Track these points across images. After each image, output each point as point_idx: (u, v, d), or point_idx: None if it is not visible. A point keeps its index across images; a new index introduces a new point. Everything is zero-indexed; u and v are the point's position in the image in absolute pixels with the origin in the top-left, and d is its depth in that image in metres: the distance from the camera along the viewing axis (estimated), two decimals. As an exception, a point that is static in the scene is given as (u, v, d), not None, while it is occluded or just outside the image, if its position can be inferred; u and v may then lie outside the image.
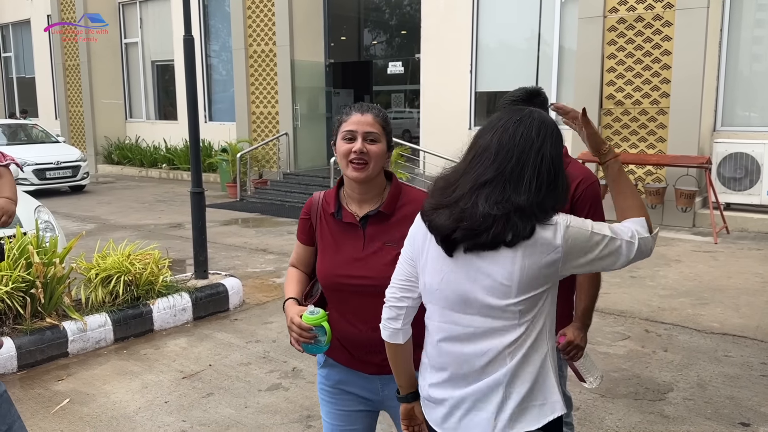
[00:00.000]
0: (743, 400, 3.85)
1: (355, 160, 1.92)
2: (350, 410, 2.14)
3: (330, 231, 2.05)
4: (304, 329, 1.91)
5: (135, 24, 17.44)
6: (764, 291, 6.02)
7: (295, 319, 1.93)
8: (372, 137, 1.94)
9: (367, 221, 2.00)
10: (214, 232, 8.71)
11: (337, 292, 2.03)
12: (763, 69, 9.39)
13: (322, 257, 2.06)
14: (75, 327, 4.68)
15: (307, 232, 2.13)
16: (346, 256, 2.00)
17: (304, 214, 2.15)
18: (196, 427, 3.63)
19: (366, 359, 2.03)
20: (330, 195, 2.08)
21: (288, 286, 2.14)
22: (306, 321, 1.91)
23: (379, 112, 1.99)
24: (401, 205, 2.00)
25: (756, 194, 8.75)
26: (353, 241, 2.00)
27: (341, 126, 1.98)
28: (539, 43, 10.94)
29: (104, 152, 17.64)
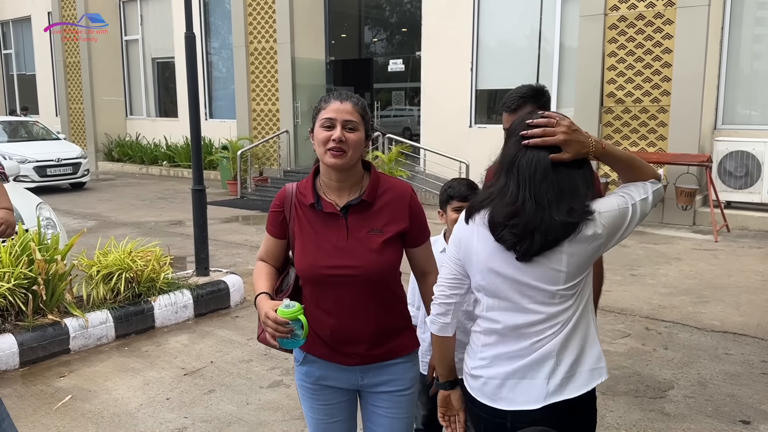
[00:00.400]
0: (744, 397, 3.86)
1: (333, 148, 1.91)
2: (332, 403, 2.13)
3: (309, 222, 2.02)
4: (280, 323, 1.85)
5: (135, 21, 17.44)
6: (765, 289, 6.02)
7: (270, 313, 1.87)
8: (351, 125, 1.93)
9: (347, 210, 1.99)
10: (214, 230, 8.71)
11: (320, 284, 1.99)
12: (764, 67, 9.38)
13: (303, 249, 2.01)
14: (76, 324, 4.69)
15: (279, 225, 2.09)
16: (328, 246, 1.97)
17: (275, 206, 2.09)
18: (198, 423, 3.64)
19: (348, 351, 2.02)
20: (305, 186, 2.04)
21: (258, 281, 2.09)
22: (282, 315, 1.85)
23: (357, 100, 1.98)
24: (381, 193, 2.01)
25: (756, 192, 8.76)
26: (335, 231, 1.98)
27: (319, 113, 1.97)
28: (540, 41, 10.94)
29: (105, 149, 17.65)
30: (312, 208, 2.00)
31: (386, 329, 2.06)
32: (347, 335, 2.00)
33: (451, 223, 2.53)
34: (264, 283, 2.07)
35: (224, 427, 3.59)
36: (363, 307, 2.00)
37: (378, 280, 2.00)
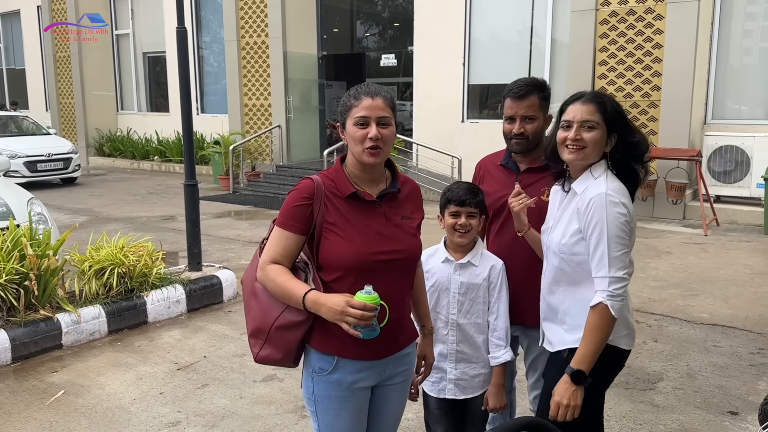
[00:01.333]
0: (732, 389, 3.91)
1: (372, 147, 1.93)
2: (361, 406, 2.08)
3: (346, 212, 1.98)
4: (369, 309, 1.78)
5: (126, 15, 17.33)
6: (753, 282, 6.09)
7: (354, 301, 1.79)
8: (384, 121, 1.95)
9: (382, 199, 2.04)
10: (207, 225, 8.70)
11: (369, 272, 1.94)
12: (753, 62, 9.45)
13: (348, 239, 1.95)
14: (69, 319, 4.69)
15: (306, 219, 1.97)
16: (371, 233, 1.98)
17: (302, 199, 1.97)
18: (191, 417, 3.66)
19: (386, 341, 1.99)
20: (337, 177, 2.02)
21: (289, 282, 1.93)
22: (368, 301, 1.78)
23: (387, 94, 1.98)
24: (403, 183, 2.10)
25: (746, 187, 8.83)
26: (375, 219, 2.00)
27: (351, 110, 1.95)
28: (532, 36, 10.96)
29: (96, 144, 17.56)
30: (348, 199, 1.99)
31: (407, 315, 2.14)
32: (388, 324, 1.95)
33: (448, 228, 2.46)
34: (299, 282, 1.95)
35: (218, 421, 3.61)
36: (401, 293, 2.06)
37: (416, 262, 2.12)
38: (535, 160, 2.61)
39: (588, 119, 2.12)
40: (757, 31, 9.41)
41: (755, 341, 4.66)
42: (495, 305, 2.48)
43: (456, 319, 2.47)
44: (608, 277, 2.04)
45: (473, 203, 2.43)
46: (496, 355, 2.49)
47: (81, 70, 17.13)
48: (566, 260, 2.16)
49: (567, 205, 2.22)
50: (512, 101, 2.53)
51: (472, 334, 2.47)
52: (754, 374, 4.11)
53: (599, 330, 2.04)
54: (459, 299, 2.47)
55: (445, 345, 2.49)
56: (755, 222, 8.52)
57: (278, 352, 2.04)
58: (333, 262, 1.97)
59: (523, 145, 2.54)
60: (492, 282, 2.48)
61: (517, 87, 2.52)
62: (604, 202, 2.05)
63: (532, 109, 2.50)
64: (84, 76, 17.16)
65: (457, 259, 2.48)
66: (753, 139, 8.70)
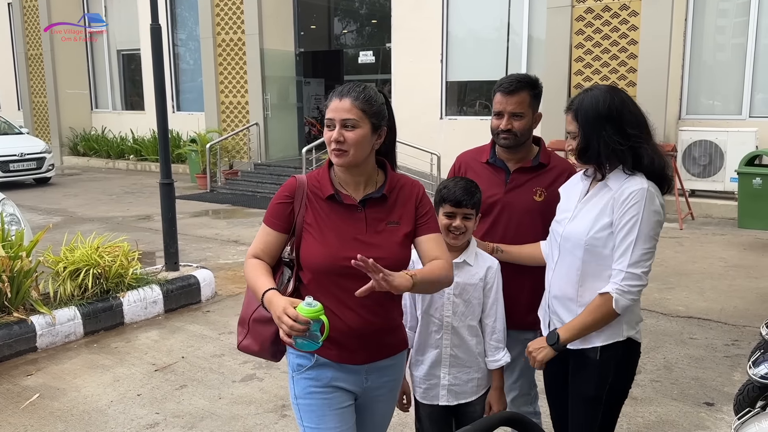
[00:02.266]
0: (708, 380, 3.96)
1: (335, 149, 1.91)
2: (345, 406, 2.03)
3: (324, 214, 1.97)
4: (301, 321, 1.72)
5: (100, 12, 17.07)
6: (727, 275, 6.18)
7: (290, 310, 1.74)
8: (349, 123, 1.90)
9: (365, 204, 1.98)
10: (184, 224, 8.62)
11: (342, 277, 1.91)
12: (726, 58, 9.58)
13: (322, 241, 1.94)
14: (43, 321, 4.61)
15: (286, 218, 2.00)
16: (348, 238, 1.94)
17: (283, 197, 2.01)
18: (170, 419, 3.61)
19: (361, 346, 1.98)
20: (320, 177, 2.02)
21: (259, 278, 1.94)
22: (303, 313, 1.73)
23: (358, 95, 1.91)
24: (397, 189, 2.03)
25: (720, 181, 8.95)
26: (354, 224, 1.96)
27: (326, 111, 1.97)
28: (509, 33, 11.01)
29: (70, 144, 17.28)
30: (329, 201, 1.97)
31: (393, 324, 2.08)
32: (363, 330, 1.95)
33: (442, 229, 2.27)
34: (268, 279, 1.94)
35: (197, 422, 3.57)
36: (380, 301, 1.94)
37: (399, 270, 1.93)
38: (524, 159, 2.56)
39: (568, 130, 2.17)
40: (730, 28, 9.54)
41: (730, 333, 4.73)
42: (492, 307, 2.39)
43: (450, 321, 2.35)
44: (624, 271, 2.04)
45: (470, 204, 2.30)
46: (496, 358, 2.39)
47: (54, 69, 16.84)
48: (592, 253, 2.11)
49: (596, 198, 2.15)
50: (502, 96, 2.48)
51: (466, 337, 2.36)
52: (729, 365, 4.18)
53: (596, 318, 2.09)
54: (454, 300, 2.34)
55: (439, 350, 2.37)
56: (729, 215, 8.65)
57: (256, 343, 2.08)
58: (308, 263, 1.97)
59: (510, 141, 2.49)
60: (488, 283, 2.37)
61: (508, 82, 2.47)
62: (644, 197, 2.03)
63: (521, 106, 2.45)
64: (57, 75, 16.88)
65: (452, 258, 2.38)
66: (726, 133, 8.83)
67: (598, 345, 2.15)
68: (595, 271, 2.13)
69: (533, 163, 2.54)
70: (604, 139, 2.07)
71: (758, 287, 5.77)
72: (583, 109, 2.12)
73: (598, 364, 2.15)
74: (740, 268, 6.40)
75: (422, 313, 2.37)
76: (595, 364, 2.15)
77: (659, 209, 2.07)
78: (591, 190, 2.20)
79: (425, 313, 2.37)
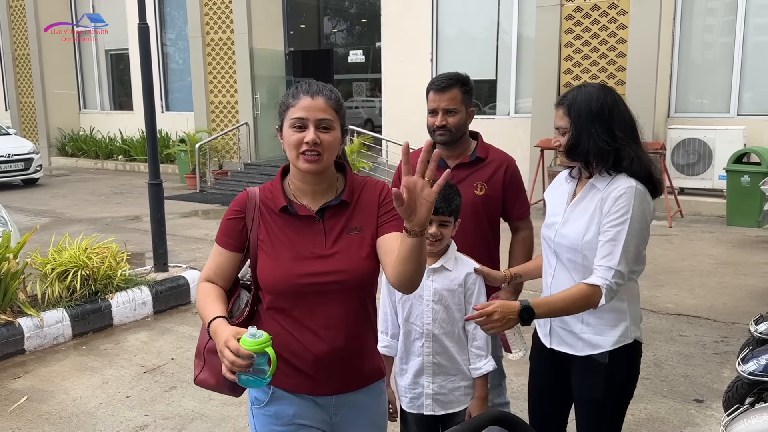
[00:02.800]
0: (697, 377, 3.98)
1: (307, 152, 1.69)
2: None
3: (279, 228, 1.77)
4: (243, 356, 1.52)
5: (88, 11, 16.94)
6: (716, 272, 6.22)
7: (232, 342, 1.53)
8: (325, 124, 1.70)
9: (323, 214, 1.78)
10: (173, 225, 8.58)
11: (301, 297, 1.73)
12: (714, 57, 9.64)
13: (275, 259, 1.75)
14: (31, 323, 4.57)
15: (237, 235, 1.80)
16: (306, 253, 1.74)
17: (233, 213, 1.82)
18: (159, 421, 3.59)
19: (327, 376, 1.76)
20: (273, 189, 1.82)
21: (208, 305, 1.73)
22: (246, 346, 1.52)
23: (331, 93, 1.74)
24: (358, 192, 1.82)
25: (708, 179, 9.01)
26: (312, 237, 1.76)
27: (288, 110, 1.72)
28: (498, 32, 11.02)
29: (58, 144, 17.16)
30: (282, 214, 1.78)
31: (365, 350, 1.84)
32: (330, 357, 1.75)
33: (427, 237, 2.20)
34: (217, 305, 1.73)
35: (186, 424, 3.55)
36: (348, 323, 1.76)
37: (366, 286, 1.79)
38: (462, 155, 2.64)
39: (559, 125, 2.12)
40: (718, 26, 9.60)
41: (719, 330, 4.76)
42: None
43: (431, 329, 2.27)
44: (615, 269, 1.99)
45: (447, 211, 2.22)
46: (478, 366, 2.31)
47: (41, 69, 16.71)
48: (591, 258, 2.06)
49: (585, 201, 2.13)
50: (434, 94, 2.56)
51: (447, 344, 2.28)
52: (719, 362, 4.20)
53: (578, 307, 2.02)
54: (433, 307, 2.27)
55: (421, 357, 2.31)
56: (718, 213, 8.70)
57: (212, 377, 1.86)
58: (263, 284, 1.78)
59: (446, 137, 2.56)
60: (469, 288, 2.29)
61: (440, 80, 2.56)
62: (634, 194, 2.00)
63: (453, 102, 2.54)
64: (44, 75, 16.75)
65: (429, 264, 2.26)
66: (715, 131, 8.88)
67: (607, 349, 2.11)
68: None
69: (471, 158, 2.62)
70: (593, 138, 2.04)
71: (747, 284, 5.81)
72: (576, 106, 2.08)
73: (607, 368, 2.11)
74: (729, 265, 6.44)
75: (403, 321, 2.32)
76: (604, 368, 2.11)
77: (650, 207, 2.05)
78: (579, 193, 2.16)
79: (406, 321, 2.32)
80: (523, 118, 10.46)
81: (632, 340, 2.13)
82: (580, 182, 2.20)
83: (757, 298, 5.35)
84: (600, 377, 2.12)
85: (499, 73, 11.07)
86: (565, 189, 2.24)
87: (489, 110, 11.32)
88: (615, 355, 2.11)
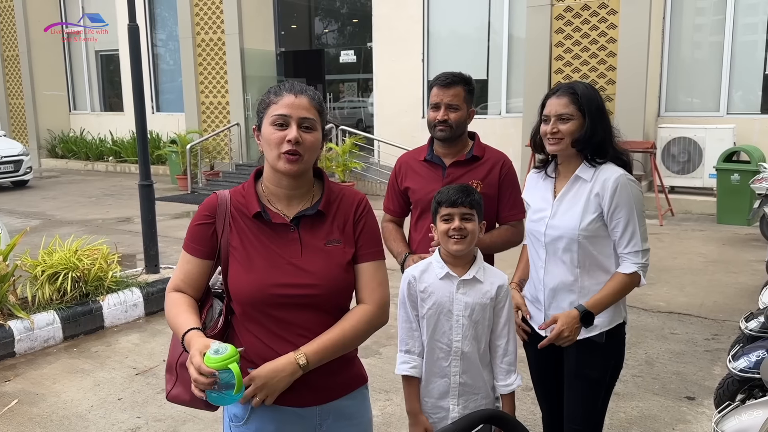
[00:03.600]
0: (688, 375, 4.00)
1: (289, 152, 1.63)
2: None
3: (253, 235, 1.69)
4: (203, 373, 1.45)
5: (77, 12, 16.86)
6: (707, 270, 6.25)
7: (195, 358, 1.47)
8: (308, 124, 1.65)
9: (299, 222, 1.71)
10: (164, 226, 8.54)
11: (276, 308, 1.66)
12: (704, 56, 9.70)
13: (248, 267, 1.67)
14: (21, 326, 4.54)
15: (207, 242, 1.71)
16: (280, 263, 1.66)
17: (202, 218, 1.72)
18: (151, 423, 3.57)
19: (303, 387, 1.67)
20: (245, 193, 1.73)
21: (180, 315, 1.65)
22: (209, 364, 1.45)
23: (314, 94, 1.71)
24: (336, 202, 1.76)
25: (698, 177, 9.06)
26: (287, 246, 1.68)
27: (269, 108, 1.68)
28: (489, 32, 11.05)
29: (48, 146, 17.06)
30: (256, 219, 1.69)
31: (344, 357, 1.76)
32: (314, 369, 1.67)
33: (442, 236, 2.10)
34: (189, 316, 1.64)
35: (179, 426, 3.54)
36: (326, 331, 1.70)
37: (342, 298, 1.72)
38: (459, 153, 2.65)
39: (562, 112, 2.19)
40: (708, 26, 9.66)
41: (710, 327, 4.79)
42: (505, 328, 2.15)
43: (460, 347, 2.09)
44: (641, 251, 2.18)
45: (467, 202, 2.09)
46: (508, 382, 2.15)
47: (30, 70, 16.61)
48: (587, 245, 2.21)
49: (572, 192, 2.24)
50: (439, 89, 2.60)
51: (475, 362, 2.12)
52: (710, 360, 4.22)
53: (622, 292, 2.22)
54: (463, 323, 2.09)
55: (447, 379, 2.12)
56: (708, 211, 8.75)
57: (186, 392, 1.72)
58: (235, 293, 1.69)
59: (446, 133, 2.59)
60: (500, 301, 2.13)
61: (444, 76, 2.60)
62: (626, 182, 2.17)
63: (457, 99, 2.58)
64: (34, 76, 16.65)
65: (459, 274, 2.10)
66: (705, 130, 8.93)
67: (604, 330, 2.24)
68: (592, 259, 2.24)
69: (467, 157, 2.64)
70: (602, 130, 2.20)
71: (737, 282, 5.85)
72: (586, 97, 2.19)
73: (605, 348, 2.25)
74: (719, 263, 6.48)
75: (428, 339, 2.13)
76: (602, 347, 2.25)
77: (640, 188, 2.25)
78: (564, 186, 2.27)
79: (431, 339, 2.13)
80: (515, 117, 10.49)
81: (623, 320, 2.31)
82: (558, 179, 2.31)
83: (748, 296, 5.38)
84: (598, 357, 2.25)
85: (490, 73, 11.10)
86: (545, 186, 2.35)
87: (480, 110, 11.34)
88: (610, 335, 2.26)
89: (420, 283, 2.11)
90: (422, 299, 2.10)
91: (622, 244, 2.19)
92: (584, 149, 2.21)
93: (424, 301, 2.10)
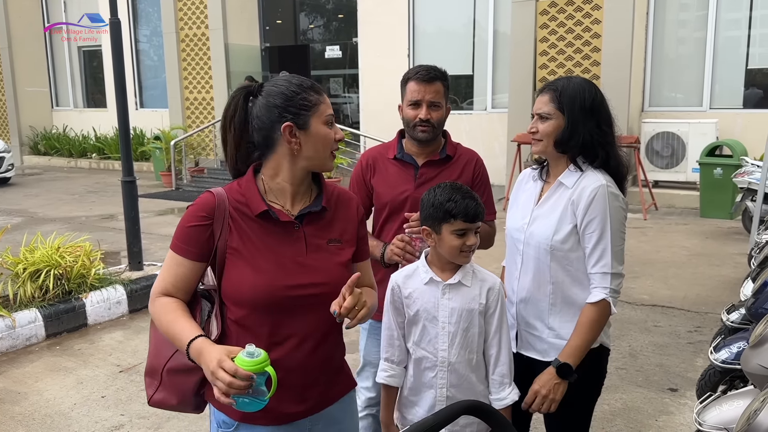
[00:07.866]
0: (671, 366, 4.04)
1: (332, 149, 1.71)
2: None
3: (254, 235, 1.63)
4: (242, 377, 1.40)
5: (59, 7, 16.66)
6: (690, 263, 6.31)
7: (226, 363, 1.41)
8: None
9: (302, 220, 1.67)
10: (148, 223, 8.48)
11: (283, 311, 1.62)
12: (687, 51, 9.77)
13: (255, 269, 1.61)
14: (2, 324, 4.49)
15: (203, 244, 1.63)
16: (287, 262, 1.62)
17: (200, 219, 1.62)
18: (135, 420, 3.55)
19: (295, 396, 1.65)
20: (248, 191, 1.66)
21: (177, 322, 1.58)
22: (245, 367, 1.40)
23: None
24: (334, 200, 1.75)
25: (682, 171, 9.13)
26: (292, 244, 1.64)
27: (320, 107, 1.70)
28: (475, 27, 11.06)
29: (30, 143, 16.86)
30: (259, 219, 1.63)
31: (338, 362, 1.77)
32: (307, 373, 1.66)
33: (450, 250, 1.92)
34: (188, 323, 1.58)
35: (163, 423, 3.51)
36: (324, 336, 1.68)
37: None
38: (433, 152, 2.47)
39: (542, 110, 2.03)
40: (691, 21, 9.73)
41: (693, 320, 4.83)
42: (496, 335, 1.98)
43: (447, 356, 1.94)
44: (611, 273, 1.94)
45: (482, 216, 1.95)
46: (502, 396, 1.99)
47: (12, 66, 16.40)
48: (560, 259, 2.01)
49: (552, 199, 2.06)
50: (419, 84, 2.36)
51: (465, 374, 1.96)
52: (692, 351, 4.26)
53: (595, 326, 1.96)
54: (450, 330, 1.94)
55: (433, 391, 1.97)
56: (692, 205, 8.82)
57: (173, 397, 1.72)
58: (237, 297, 1.63)
59: (429, 134, 2.38)
60: (490, 307, 1.97)
61: (425, 70, 2.37)
62: (605, 194, 1.94)
63: (438, 96, 2.37)
64: (15, 72, 16.45)
65: (444, 279, 1.96)
66: (688, 125, 9.00)
67: None
68: (565, 275, 2.02)
69: (440, 156, 2.46)
70: (588, 131, 1.99)
71: (720, 275, 5.90)
72: (569, 96, 2.00)
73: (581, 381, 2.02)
74: (702, 256, 6.54)
75: (413, 346, 2.00)
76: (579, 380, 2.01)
77: (622, 203, 2.01)
78: (546, 192, 2.09)
79: (416, 346, 1.99)
80: (500, 113, 10.51)
81: (598, 345, 2.06)
82: (546, 182, 2.13)
83: (730, 288, 5.43)
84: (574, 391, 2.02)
85: (475, 69, 11.11)
86: (532, 189, 2.17)
87: (466, 105, 11.36)
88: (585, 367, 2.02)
89: (405, 289, 2.00)
90: (407, 305, 1.99)
91: (590, 261, 1.96)
92: (566, 151, 2.02)
93: (409, 308, 1.98)
